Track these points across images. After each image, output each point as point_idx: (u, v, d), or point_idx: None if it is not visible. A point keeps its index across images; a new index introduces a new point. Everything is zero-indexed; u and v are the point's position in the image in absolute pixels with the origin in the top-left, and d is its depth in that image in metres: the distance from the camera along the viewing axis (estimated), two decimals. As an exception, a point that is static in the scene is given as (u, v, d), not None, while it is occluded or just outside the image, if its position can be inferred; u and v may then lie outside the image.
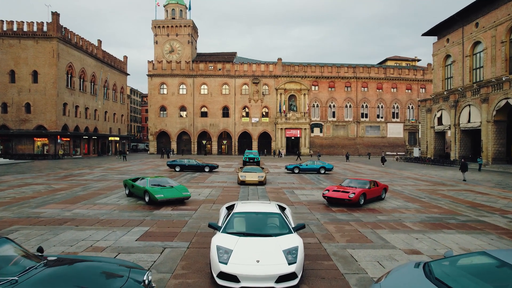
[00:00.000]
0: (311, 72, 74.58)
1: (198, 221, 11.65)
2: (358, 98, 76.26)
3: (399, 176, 29.23)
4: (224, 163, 44.12)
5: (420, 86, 78.36)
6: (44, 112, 50.40)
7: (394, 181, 24.93)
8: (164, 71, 72.76)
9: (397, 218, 12.59)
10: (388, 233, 10.37)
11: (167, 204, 14.57)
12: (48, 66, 49.94)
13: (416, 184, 23.48)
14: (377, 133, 77.68)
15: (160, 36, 76.00)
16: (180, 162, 31.32)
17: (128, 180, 16.77)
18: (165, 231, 10.31)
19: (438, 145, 53.84)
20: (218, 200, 15.94)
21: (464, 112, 45.16)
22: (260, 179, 21.71)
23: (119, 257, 7.89)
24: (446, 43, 50.59)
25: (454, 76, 48.93)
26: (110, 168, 34.28)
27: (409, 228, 11.11)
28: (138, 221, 11.49)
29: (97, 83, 63.47)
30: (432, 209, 14.43)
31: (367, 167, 40.32)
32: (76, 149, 57.98)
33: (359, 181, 16.18)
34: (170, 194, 14.48)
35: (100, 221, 11.48)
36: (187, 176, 26.64)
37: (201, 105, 72.96)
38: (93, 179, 24.06)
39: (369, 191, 15.13)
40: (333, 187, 15.74)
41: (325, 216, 12.73)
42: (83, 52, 57.81)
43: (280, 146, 72.24)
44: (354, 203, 14.34)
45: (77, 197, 16.09)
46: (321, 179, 25.90)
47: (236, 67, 72.97)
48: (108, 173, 28.28)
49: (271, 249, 6.50)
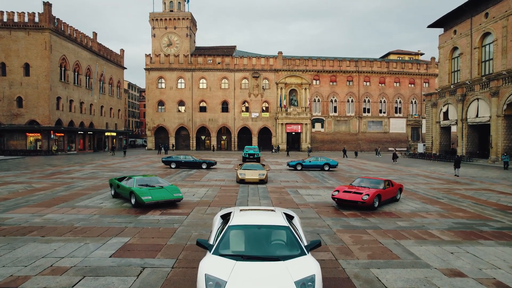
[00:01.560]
0: (312, 66, 72.72)
1: (189, 229, 9.94)
2: (360, 92, 74.45)
3: (408, 173, 27.57)
4: (223, 159, 42.41)
5: (424, 80, 76.48)
6: (36, 107, 48.56)
7: (404, 179, 23.27)
8: (162, 65, 70.96)
9: (419, 224, 10.91)
10: (415, 245, 8.67)
11: (156, 207, 12.83)
12: (40, 59, 48.01)
13: (428, 182, 21.82)
14: (379, 128, 75.95)
15: (158, 29, 74.03)
16: (175, 159, 29.51)
17: (113, 179, 14.99)
18: (148, 243, 8.60)
19: (443, 140, 52.15)
20: (214, 202, 14.24)
21: (472, 106, 43.46)
22: (261, 177, 19.95)
23: (83, 282, 6.18)
24: (453, 35, 48.72)
25: (462, 69, 47.13)
26: (102, 164, 32.50)
27: (437, 237, 9.41)
28: (118, 230, 9.77)
29: (93, 77, 61.56)
30: (456, 212, 12.73)
31: (372, 163, 38.64)
32: (71, 144, 56.21)
33: (371, 181, 14.45)
34: (159, 195, 12.72)
35: (73, 229, 9.72)
36: (183, 174, 24.92)
37: (200, 99, 71.24)
38: (81, 177, 22.34)
39: (384, 191, 13.42)
40: (343, 187, 13.99)
41: (337, 222, 11.02)
42: (78, 45, 55.87)
43: (281, 141, 70.53)
44: (368, 206, 12.62)
45: (55, 199, 14.32)
46: (326, 177, 24.21)
47: (235, 61, 71.11)
48: (98, 171, 26.50)
49: (279, 281, 4.77)
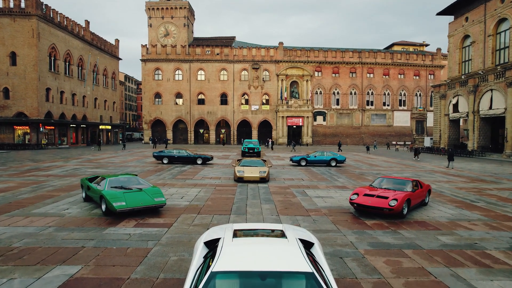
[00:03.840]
0: (314, 57, 69.90)
1: (166, 251, 7.37)
2: (364, 84, 71.72)
3: (422, 170, 25.09)
4: (221, 153, 39.91)
5: (429, 72, 73.72)
6: (24, 98, 45.86)
7: (421, 176, 20.80)
8: (158, 55, 68.20)
9: (468, 239, 8.41)
10: (480, 278, 6.19)
11: (131, 215, 10.30)
12: (28, 47, 45.20)
13: (450, 180, 19.35)
14: (383, 121, 73.35)
15: (154, 19, 71.01)
16: (168, 153, 26.92)
17: (84, 179, 12.44)
18: (103, 276, 6.05)
19: (452, 134, 49.65)
20: (205, 208, 11.70)
21: (485, 98, 40.91)
22: (262, 175, 17.43)
23: None
24: (464, 22, 45.97)
25: (474, 58, 44.46)
26: (89, 159, 29.93)
27: (505, 264, 6.90)
28: (70, 252, 7.20)
29: (85, 68, 58.78)
30: (507, 222, 10.23)
31: (380, 158, 36.15)
32: (62, 138, 53.60)
33: (396, 181, 11.91)
34: (136, 201, 10.18)
35: (7, 253, 7.11)
36: (175, 170, 22.39)
37: (198, 92, 68.57)
38: (59, 174, 19.80)
39: (413, 195, 10.89)
40: (362, 189, 11.40)
41: (362, 238, 8.49)
42: (68, 33, 52.96)
43: (282, 135, 67.99)
44: (396, 213, 10.15)
45: (11, 204, 11.74)
46: (334, 174, 21.71)
47: (235, 52, 68.32)
48: (82, 166, 23.93)
49: None
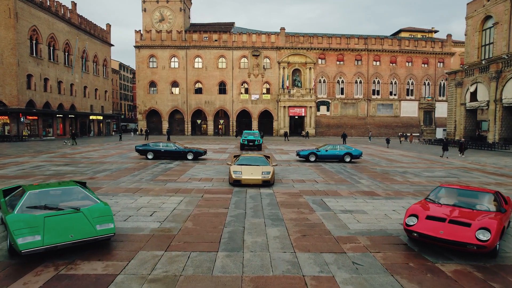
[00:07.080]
0: (318, 44, 65.66)
1: None
2: (370, 73, 67.61)
3: (452, 166, 21.19)
4: (217, 146, 36.00)
5: (438, 60, 69.56)
6: (2, 85, 41.67)
7: (459, 177, 16.98)
8: (153, 42, 64.03)
9: None
10: None
11: (56, 256, 6.32)
12: (4, 29, 40.89)
13: (501, 182, 15.45)
14: (389, 112, 69.39)
15: (148, 3, 66.55)
16: (153, 147, 22.93)
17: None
18: None
19: (469, 125, 45.78)
20: (180, 236, 7.68)
21: (509, 85, 37.04)
22: (265, 177, 13.42)
23: None
24: (485, 1, 41.74)
25: (496, 41, 40.33)
26: (64, 154, 25.89)
27: None
28: None
29: (73, 53, 54.53)
30: None
31: (395, 151, 32.24)
32: (47, 129, 49.67)
33: (467, 193, 7.92)
34: (63, 232, 6.10)
35: None
36: (158, 168, 18.44)
37: (195, 80, 64.53)
38: (9, 174, 15.69)
39: (504, 217, 7.04)
40: (420, 208, 7.36)
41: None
42: (52, 15, 48.55)
43: (283, 125, 64.02)
44: (488, 251, 6.30)
45: None
46: (352, 173, 17.77)
47: (234, 38, 64.07)
48: (48, 163, 19.88)
49: None
